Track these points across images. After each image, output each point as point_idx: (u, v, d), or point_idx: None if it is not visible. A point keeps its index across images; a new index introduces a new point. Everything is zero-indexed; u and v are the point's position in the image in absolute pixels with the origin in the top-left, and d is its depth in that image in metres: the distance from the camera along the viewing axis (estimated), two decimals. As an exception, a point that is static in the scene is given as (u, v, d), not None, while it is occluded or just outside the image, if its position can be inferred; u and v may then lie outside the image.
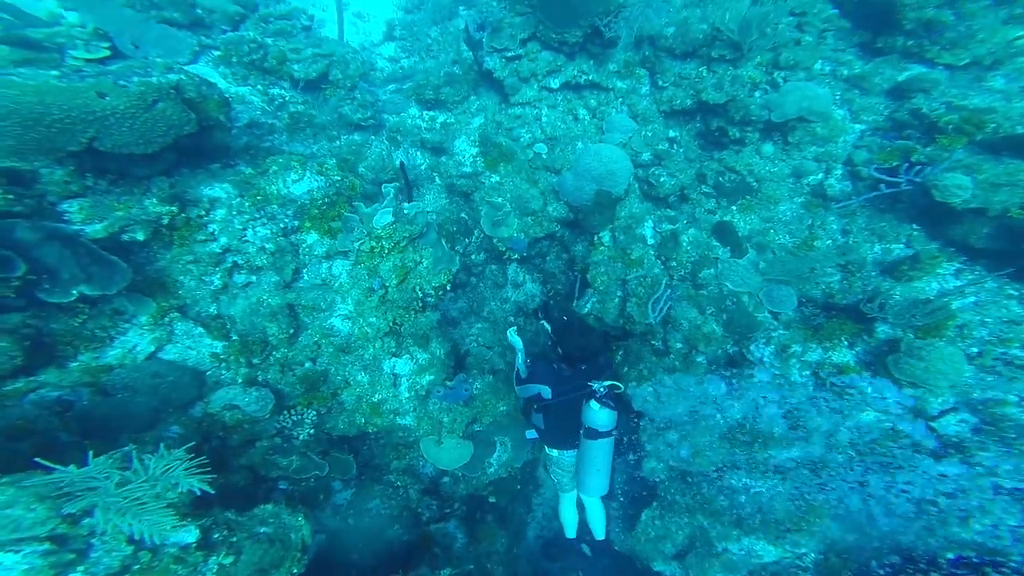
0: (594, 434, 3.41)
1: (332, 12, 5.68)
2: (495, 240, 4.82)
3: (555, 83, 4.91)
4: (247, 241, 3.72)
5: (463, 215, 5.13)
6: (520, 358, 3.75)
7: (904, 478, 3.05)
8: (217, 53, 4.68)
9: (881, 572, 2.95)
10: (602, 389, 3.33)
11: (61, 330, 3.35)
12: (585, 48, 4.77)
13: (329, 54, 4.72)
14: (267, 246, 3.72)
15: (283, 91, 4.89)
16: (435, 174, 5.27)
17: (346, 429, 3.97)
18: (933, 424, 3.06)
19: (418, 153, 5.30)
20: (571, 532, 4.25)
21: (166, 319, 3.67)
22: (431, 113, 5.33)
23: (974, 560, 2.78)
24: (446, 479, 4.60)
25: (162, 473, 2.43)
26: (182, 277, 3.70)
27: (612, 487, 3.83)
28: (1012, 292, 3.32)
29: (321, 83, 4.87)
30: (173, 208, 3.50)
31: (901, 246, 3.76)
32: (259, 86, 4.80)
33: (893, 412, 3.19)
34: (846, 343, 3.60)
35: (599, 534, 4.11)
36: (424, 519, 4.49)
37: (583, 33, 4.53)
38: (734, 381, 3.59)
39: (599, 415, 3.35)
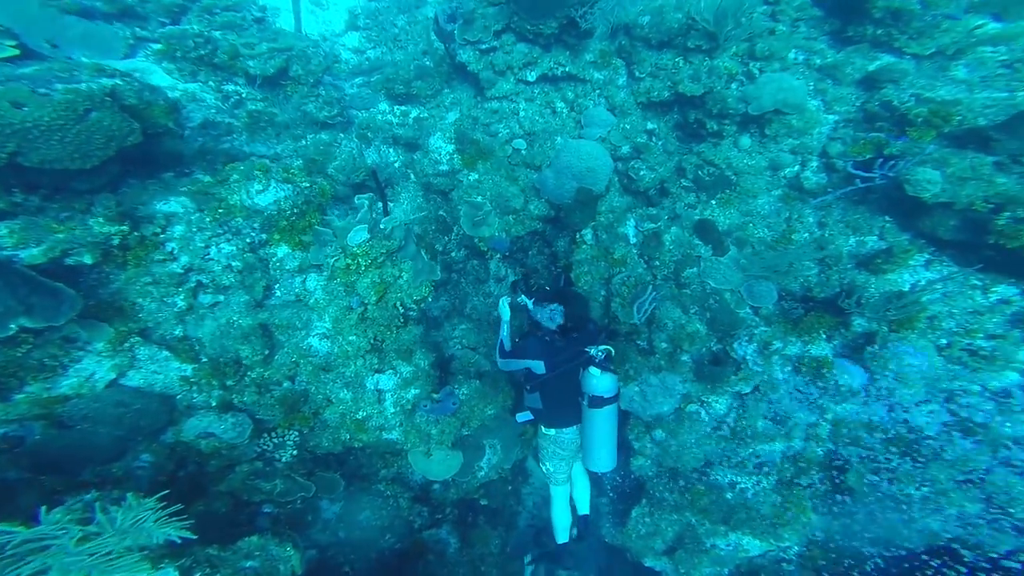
0: (599, 402, 3.30)
1: (286, 0, 5.25)
2: (476, 240, 4.68)
3: (532, 76, 4.72)
4: (211, 259, 3.47)
5: (441, 212, 4.95)
6: (506, 329, 3.60)
7: None
8: (157, 47, 4.25)
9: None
10: (600, 354, 3.28)
11: (1, 361, 3.05)
12: (561, 39, 4.58)
13: (287, 48, 4.37)
14: (233, 263, 3.48)
15: (239, 87, 4.51)
16: (410, 172, 5.04)
17: (331, 447, 3.85)
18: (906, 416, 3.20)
19: (391, 150, 5.05)
20: (563, 536, 4.01)
21: (126, 344, 3.41)
22: (403, 108, 5.06)
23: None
24: (436, 486, 4.56)
25: (131, 525, 2.25)
26: (141, 299, 3.43)
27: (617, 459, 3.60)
28: (976, 282, 3.47)
29: (280, 79, 4.52)
30: (123, 227, 3.20)
31: (875, 238, 3.85)
32: (211, 83, 4.41)
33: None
34: (824, 336, 3.70)
35: (583, 508, 3.94)
36: (416, 527, 4.45)
37: (558, 24, 4.35)
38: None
39: (602, 380, 3.27)
